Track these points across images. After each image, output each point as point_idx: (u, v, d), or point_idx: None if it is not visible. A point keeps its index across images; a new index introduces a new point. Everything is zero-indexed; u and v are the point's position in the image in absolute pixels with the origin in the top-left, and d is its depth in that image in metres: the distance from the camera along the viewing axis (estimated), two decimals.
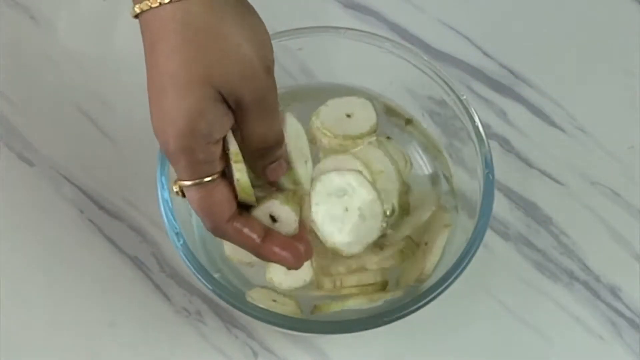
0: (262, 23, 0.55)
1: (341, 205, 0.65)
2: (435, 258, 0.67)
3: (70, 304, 0.71)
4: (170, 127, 0.53)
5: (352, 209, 0.65)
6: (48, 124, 0.77)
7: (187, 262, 0.63)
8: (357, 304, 0.66)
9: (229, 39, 0.52)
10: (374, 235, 0.66)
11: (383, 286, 0.67)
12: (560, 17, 0.83)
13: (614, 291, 0.73)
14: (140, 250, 0.73)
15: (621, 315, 0.72)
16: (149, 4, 0.52)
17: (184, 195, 0.56)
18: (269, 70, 0.54)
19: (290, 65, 0.75)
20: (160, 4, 0.51)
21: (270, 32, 0.55)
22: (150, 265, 0.73)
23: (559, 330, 0.71)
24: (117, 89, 0.78)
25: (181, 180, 0.56)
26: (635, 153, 0.77)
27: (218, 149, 0.55)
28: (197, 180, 0.55)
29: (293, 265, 0.60)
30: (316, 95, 0.72)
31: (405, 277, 0.68)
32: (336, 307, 0.66)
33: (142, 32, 0.54)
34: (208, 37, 0.52)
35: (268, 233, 0.59)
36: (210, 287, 0.63)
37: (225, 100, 0.53)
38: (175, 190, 0.57)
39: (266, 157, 0.58)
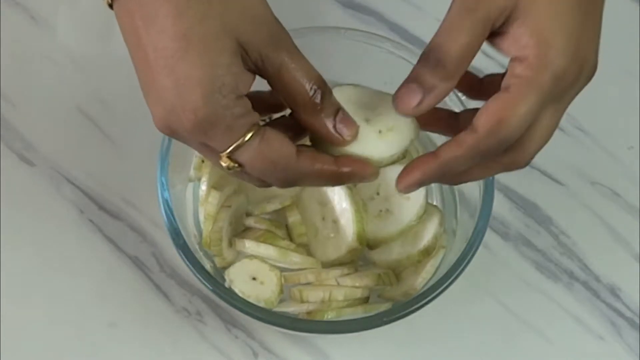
0: None
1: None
2: (428, 275, 0.67)
3: (70, 304, 0.71)
4: (194, 92, 0.49)
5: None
6: (48, 124, 0.77)
7: (187, 262, 0.63)
8: (348, 313, 0.66)
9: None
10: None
11: (364, 301, 0.67)
12: None
13: (614, 291, 0.73)
14: (140, 250, 0.73)
15: (621, 315, 0.72)
16: None
17: (239, 165, 0.52)
18: (280, 27, 0.53)
19: None
20: None
21: None
22: (150, 265, 0.73)
23: (559, 330, 0.71)
24: (117, 89, 0.78)
25: (224, 149, 0.51)
26: (635, 153, 0.77)
27: (248, 102, 0.51)
28: (246, 137, 0.51)
29: (373, 174, 0.55)
30: None
31: (392, 292, 0.68)
32: (330, 316, 0.66)
33: (124, 16, 0.51)
34: None
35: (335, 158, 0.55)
36: (210, 287, 0.63)
37: (247, 56, 0.51)
38: (225, 164, 0.52)
39: (325, 107, 0.53)
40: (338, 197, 0.67)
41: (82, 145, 0.77)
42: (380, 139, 0.55)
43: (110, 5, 0.52)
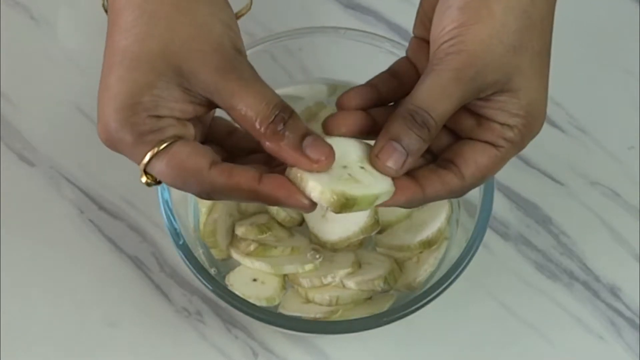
0: (230, 7, 0.53)
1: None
2: (431, 268, 0.67)
3: (70, 304, 0.71)
4: (108, 105, 0.50)
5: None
6: (48, 124, 0.77)
7: (187, 262, 0.63)
8: (357, 314, 0.65)
9: (197, 14, 0.50)
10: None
11: (367, 297, 0.67)
12: (560, 17, 0.83)
13: (614, 291, 0.73)
14: (140, 250, 0.73)
15: (621, 315, 0.72)
16: None
17: (156, 182, 0.52)
18: (239, 51, 0.52)
19: (290, 66, 0.75)
20: None
21: (271, 32, 0.55)
22: (150, 265, 0.73)
23: (559, 330, 0.71)
24: None
25: (138, 162, 0.51)
26: (635, 153, 0.77)
27: (165, 122, 0.51)
28: (154, 151, 0.51)
29: (304, 205, 0.52)
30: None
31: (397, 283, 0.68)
32: (338, 318, 0.66)
33: (108, 18, 0.52)
34: (173, 10, 0.50)
35: (263, 174, 0.52)
36: (210, 287, 0.63)
37: (189, 87, 0.50)
38: (144, 180, 0.52)
39: (290, 131, 0.51)
40: None
41: (82, 145, 0.77)
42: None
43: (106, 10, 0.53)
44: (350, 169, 0.53)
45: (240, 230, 0.67)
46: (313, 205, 0.52)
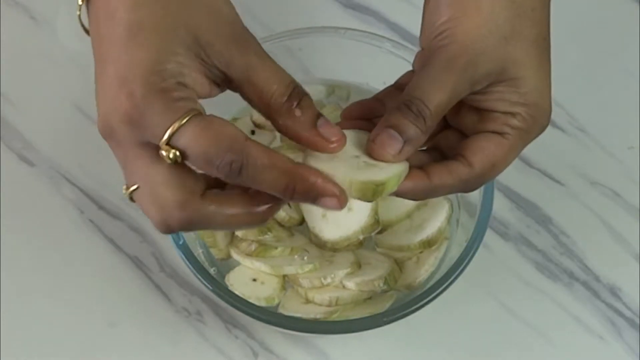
0: None
1: None
2: (431, 268, 0.67)
3: (70, 304, 0.71)
4: (133, 73, 0.47)
5: None
6: (48, 124, 0.77)
7: (187, 262, 0.63)
8: (357, 314, 0.66)
9: None
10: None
11: (367, 298, 0.67)
12: (560, 17, 0.83)
13: (614, 291, 0.73)
14: (140, 250, 0.73)
15: (621, 315, 0.72)
16: None
17: (180, 154, 0.48)
18: (245, 29, 0.51)
19: (290, 66, 0.75)
20: None
21: (270, 32, 0.55)
22: (150, 265, 0.73)
23: (559, 330, 0.71)
24: None
25: (162, 134, 0.47)
26: (635, 153, 0.77)
27: (191, 92, 0.49)
28: (184, 119, 0.47)
29: (335, 194, 0.50)
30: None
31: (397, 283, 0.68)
32: (338, 318, 0.66)
33: (91, 15, 0.50)
34: None
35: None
36: (210, 287, 0.63)
37: (206, 59, 0.49)
38: (165, 154, 0.48)
39: (304, 110, 0.50)
40: None
41: (82, 145, 0.77)
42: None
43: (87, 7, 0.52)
44: (362, 157, 0.53)
45: (240, 231, 0.67)
46: (343, 197, 0.50)
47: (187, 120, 0.47)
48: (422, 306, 0.63)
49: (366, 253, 0.68)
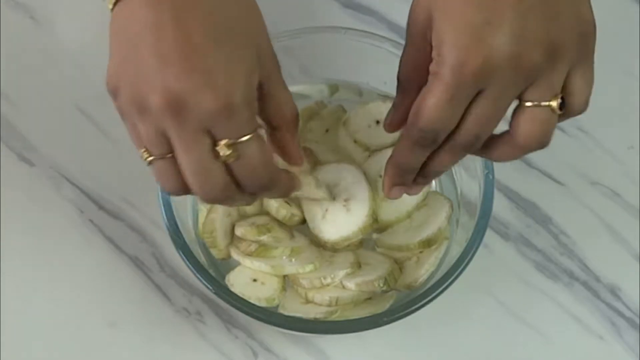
0: None
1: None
2: (431, 268, 0.67)
3: (70, 304, 0.71)
4: (236, 75, 0.51)
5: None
6: (48, 124, 0.77)
7: (187, 262, 0.63)
8: (357, 314, 0.66)
9: (256, 7, 0.54)
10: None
11: (368, 298, 0.67)
12: None
13: (614, 291, 0.73)
14: (140, 250, 0.73)
15: (621, 315, 0.72)
16: None
17: (235, 156, 0.52)
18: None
19: (290, 66, 0.75)
20: None
21: (270, 32, 0.55)
22: (150, 265, 0.73)
23: (559, 330, 0.71)
24: None
25: (234, 135, 0.52)
26: (635, 153, 0.77)
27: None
28: (251, 134, 0.53)
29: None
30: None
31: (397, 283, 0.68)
32: (338, 318, 0.66)
33: (142, 8, 0.51)
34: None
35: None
36: (210, 287, 0.63)
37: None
38: (222, 152, 0.52)
39: (297, 129, 0.58)
40: (352, 176, 0.67)
41: (82, 145, 0.77)
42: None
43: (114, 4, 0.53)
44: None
45: (239, 231, 0.67)
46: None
47: (252, 135, 0.52)
48: (422, 306, 0.63)
49: (366, 253, 0.68)
